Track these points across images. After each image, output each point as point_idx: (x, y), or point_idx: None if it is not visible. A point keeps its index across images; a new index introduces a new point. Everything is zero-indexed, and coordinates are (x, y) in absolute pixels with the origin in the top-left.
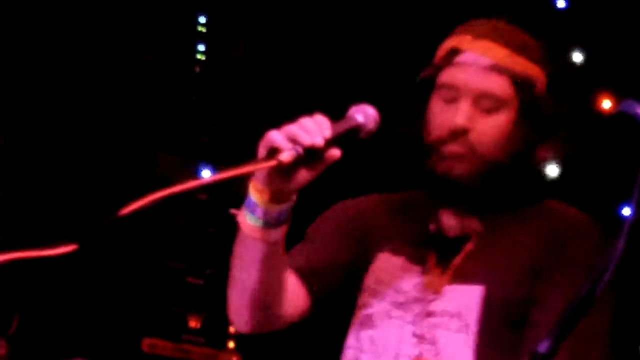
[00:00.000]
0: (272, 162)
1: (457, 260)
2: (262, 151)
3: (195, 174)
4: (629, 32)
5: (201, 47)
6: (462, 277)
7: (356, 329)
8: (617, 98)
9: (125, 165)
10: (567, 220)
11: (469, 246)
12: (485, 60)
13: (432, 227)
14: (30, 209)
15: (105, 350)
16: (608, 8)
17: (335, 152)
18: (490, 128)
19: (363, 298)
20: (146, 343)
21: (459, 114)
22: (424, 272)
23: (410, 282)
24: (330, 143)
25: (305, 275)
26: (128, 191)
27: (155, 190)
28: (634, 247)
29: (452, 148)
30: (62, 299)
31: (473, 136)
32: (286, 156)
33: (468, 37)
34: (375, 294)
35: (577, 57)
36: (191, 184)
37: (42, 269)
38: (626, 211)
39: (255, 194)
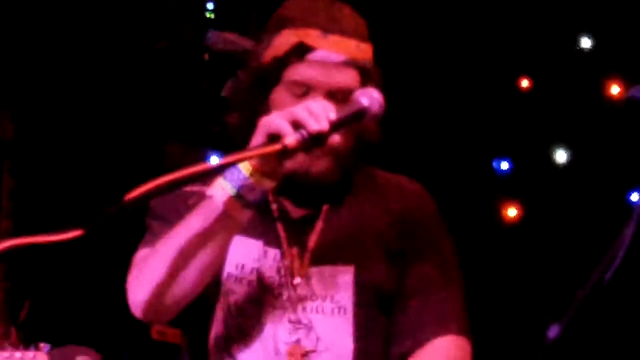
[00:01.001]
0: (278, 147)
1: (312, 240)
2: (260, 135)
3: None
4: (638, 17)
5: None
6: (325, 258)
7: (222, 317)
8: (626, 84)
9: (135, 153)
10: (405, 190)
11: (319, 224)
12: (338, 57)
13: (274, 207)
14: (40, 197)
15: (114, 337)
16: None
17: (336, 139)
18: None
19: (227, 285)
20: (155, 330)
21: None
22: (282, 255)
23: (272, 266)
24: (335, 127)
25: None
26: (138, 179)
27: (160, 176)
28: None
29: None
30: (72, 286)
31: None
32: (292, 140)
33: (316, 32)
34: (239, 280)
35: (586, 42)
36: (196, 168)
37: (52, 255)
38: (635, 197)
39: (246, 167)
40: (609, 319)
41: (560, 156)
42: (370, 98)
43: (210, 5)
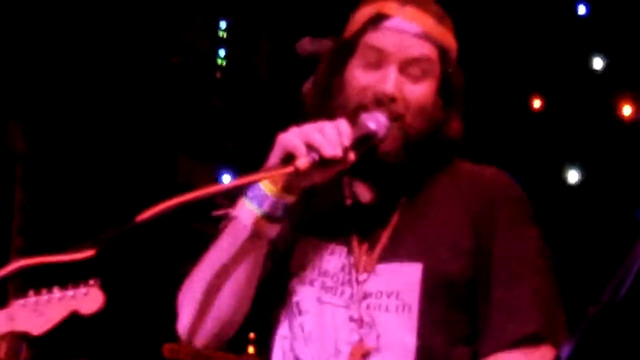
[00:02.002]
0: (289, 169)
1: (384, 235)
2: (276, 154)
3: (217, 180)
4: None
5: (222, 53)
6: (395, 254)
7: (286, 317)
8: (638, 104)
9: (147, 169)
10: (487, 181)
11: (394, 219)
12: (415, 27)
13: (348, 201)
14: (52, 213)
15: (126, 355)
16: (629, 14)
17: (350, 157)
18: (416, 97)
19: (290, 285)
20: (167, 348)
21: (388, 81)
22: (349, 251)
23: (337, 263)
24: (347, 150)
25: None
26: (150, 196)
27: (174, 196)
28: None
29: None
30: None
31: (400, 105)
32: (303, 163)
33: (393, 4)
34: (302, 279)
35: (598, 63)
36: (209, 190)
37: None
38: None
39: (266, 185)
40: (622, 336)
41: (572, 176)
42: (377, 122)
43: (223, 24)
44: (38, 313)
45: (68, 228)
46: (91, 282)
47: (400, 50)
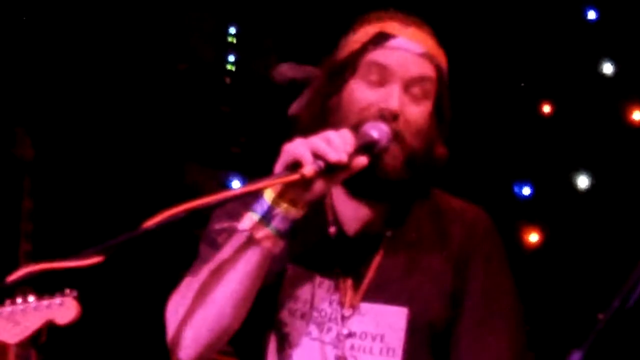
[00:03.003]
0: (296, 176)
1: (370, 273)
2: (282, 162)
3: (226, 185)
4: None
5: (231, 58)
6: (379, 294)
7: (276, 348)
8: None
9: (155, 176)
10: (468, 225)
11: (379, 257)
12: (418, 47)
13: (332, 230)
14: (60, 219)
15: None
16: (638, 19)
17: (361, 161)
18: (416, 117)
19: (281, 315)
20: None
21: (393, 98)
22: (336, 286)
23: (326, 298)
24: (351, 157)
25: None
26: (158, 202)
27: (182, 202)
28: None
29: None
30: (92, 308)
31: (401, 123)
32: (309, 170)
33: (396, 24)
34: (292, 312)
35: (608, 68)
36: (217, 196)
37: (72, 277)
38: None
39: (272, 199)
40: (631, 343)
41: (582, 181)
42: (379, 131)
43: (232, 30)
44: (14, 322)
45: (76, 234)
46: (67, 291)
47: (404, 69)
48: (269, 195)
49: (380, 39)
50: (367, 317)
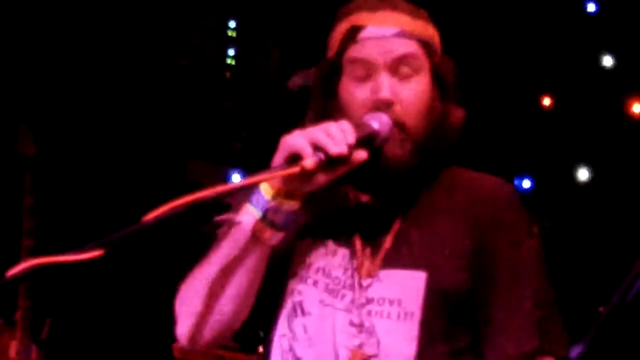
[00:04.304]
0: (296, 169)
1: (387, 241)
2: (281, 155)
3: (227, 180)
4: None
5: (231, 52)
6: (398, 260)
7: (287, 316)
8: None
9: (157, 171)
10: (488, 194)
11: (397, 225)
12: (391, 29)
13: (351, 203)
14: (61, 215)
15: (136, 356)
16: (638, 12)
17: (362, 154)
18: (412, 96)
19: (292, 284)
20: (177, 348)
21: (382, 87)
22: (352, 255)
23: (340, 266)
24: (352, 148)
25: None
26: (159, 197)
27: (183, 197)
28: None
29: None
30: (93, 303)
31: (398, 109)
32: (309, 163)
33: (363, 13)
34: (304, 279)
35: (608, 61)
36: (216, 189)
37: (73, 273)
38: None
39: (268, 191)
40: (633, 337)
41: (582, 174)
42: (380, 121)
43: (232, 24)
44: None
45: (78, 231)
46: None
47: (383, 55)
48: (265, 189)
49: (352, 33)
50: (384, 283)
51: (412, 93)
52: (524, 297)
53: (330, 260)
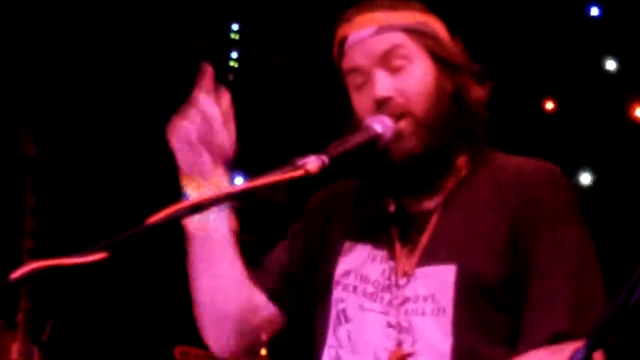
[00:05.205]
0: (300, 172)
1: (424, 238)
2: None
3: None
4: None
5: (234, 55)
6: (433, 257)
7: (333, 325)
8: None
9: (159, 172)
10: (530, 176)
11: (433, 222)
12: (368, 30)
13: (391, 207)
14: (63, 216)
15: (137, 358)
16: None
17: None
18: (412, 84)
19: (336, 293)
20: (178, 351)
21: (375, 86)
22: (391, 256)
23: (378, 269)
24: (352, 154)
25: (276, 297)
26: (162, 198)
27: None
28: None
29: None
30: (95, 306)
31: (400, 101)
32: (313, 166)
33: (344, 25)
34: (345, 287)
35: (611, 65)
36: (219, 193)
37: (75, 275)
38: None
39: (193, 189)
40: (635, 340)
41: (585, 178)
42: (382, 124)
43: (235, 26)
44: None
45: (79, 231)
46: None
47: (367, 57)
48: (188, 187)
49: (341, 46)
50: (420, 280)
51: (410, 81)
52: (564, 276)
53: (369, 265)
